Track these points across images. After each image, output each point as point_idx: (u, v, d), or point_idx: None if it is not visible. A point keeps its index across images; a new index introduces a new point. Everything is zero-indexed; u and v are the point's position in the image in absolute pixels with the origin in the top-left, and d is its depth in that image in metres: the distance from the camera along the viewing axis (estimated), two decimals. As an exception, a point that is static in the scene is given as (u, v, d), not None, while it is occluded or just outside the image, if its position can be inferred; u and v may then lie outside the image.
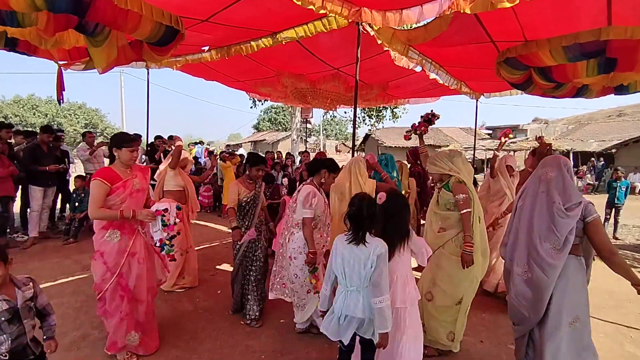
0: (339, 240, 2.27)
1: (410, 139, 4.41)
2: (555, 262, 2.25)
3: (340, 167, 3.43)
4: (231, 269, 4.88)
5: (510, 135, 4.71)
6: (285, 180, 6.79)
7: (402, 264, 2.39)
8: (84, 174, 6.72)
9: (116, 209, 2.70)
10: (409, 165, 5.34)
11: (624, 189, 7.76)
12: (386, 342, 2.14)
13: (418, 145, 4.41)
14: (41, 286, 2.08)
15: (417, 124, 4.21)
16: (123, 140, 2.80)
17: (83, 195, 6.21)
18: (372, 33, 3.83)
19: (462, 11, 2.61)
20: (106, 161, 7.34)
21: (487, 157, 24.14)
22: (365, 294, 2.16)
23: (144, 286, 2.87)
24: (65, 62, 3.91)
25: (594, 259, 2.57)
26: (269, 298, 3.41)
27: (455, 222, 2.97)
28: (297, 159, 11.41)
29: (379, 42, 3.90)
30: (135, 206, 2.81)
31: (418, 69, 4.81)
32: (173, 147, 4.21)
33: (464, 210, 2.86)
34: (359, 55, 3.86)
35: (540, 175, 2.44)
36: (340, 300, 2.22)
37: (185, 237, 4.32)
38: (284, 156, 10.35)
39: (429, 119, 4.16)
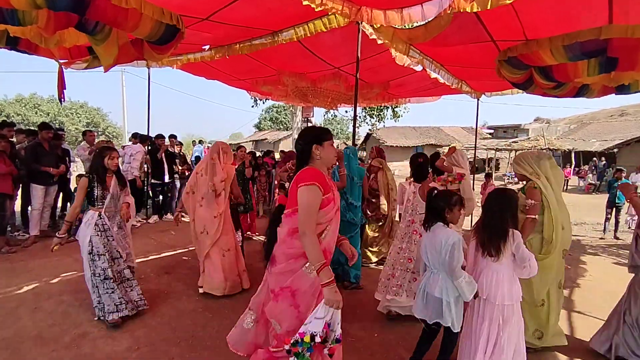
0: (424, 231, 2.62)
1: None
2: None
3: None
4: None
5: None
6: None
7: (507, 263, 2.42)
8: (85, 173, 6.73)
9: (319, 230, 2.00)
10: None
11: None
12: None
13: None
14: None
15: None
16: (323, 132, 2.15)
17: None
18: (372, 34, 3.83)
19: (462, 10, 2.61)
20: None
21: (489, 157, 24.13)
22: (443, 277, 2.42)
23: None
24: (66, 60, 3.93)
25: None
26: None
27: None
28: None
29: (379, 42, 3.90)
30: (334, 234, 2.11)
31: (419, 68, 4.81)
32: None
33: (528, 216, 2.90)
34: (359, 54, 3.86)
35: None
36: (425, 279, 2.55)
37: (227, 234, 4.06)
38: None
39: None
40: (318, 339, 1.79)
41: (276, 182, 7.85)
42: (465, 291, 2.35)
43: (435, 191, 2.59)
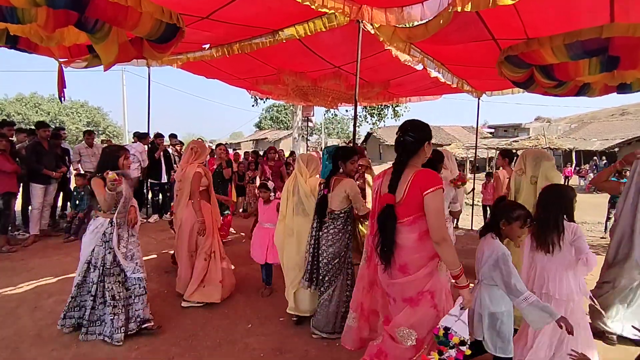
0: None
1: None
2: None
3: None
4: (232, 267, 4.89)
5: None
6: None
7: (561, 258, 2.39)
8: (84, 172, 6.72)
9: None
10: None
11: None
12: (569, 327, 2.08)
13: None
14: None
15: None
16: (431, 132, 2.19)
17: (83, 193, 6.21)
18: (372, 31, 3.82)
19: (462, 9, 2.60)
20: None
21: (490, 156, 24.09)
22: (482, 289, 2.25)
23: None
24: (66, 59, 3.91)
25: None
26: None
27: None
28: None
29: (380, 39, 3.89)
30: None
31: (419, 67, 4.80)
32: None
33: None
34: (359, 53, 3.85)
35: None
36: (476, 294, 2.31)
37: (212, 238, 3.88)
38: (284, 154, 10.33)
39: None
40: (453, 334, 1.89)
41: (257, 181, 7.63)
42: (528, 314, 2.06)
43: (503, 201, 2.42)
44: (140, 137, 7.67)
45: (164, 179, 7.57)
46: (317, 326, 3.19)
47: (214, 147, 7.53)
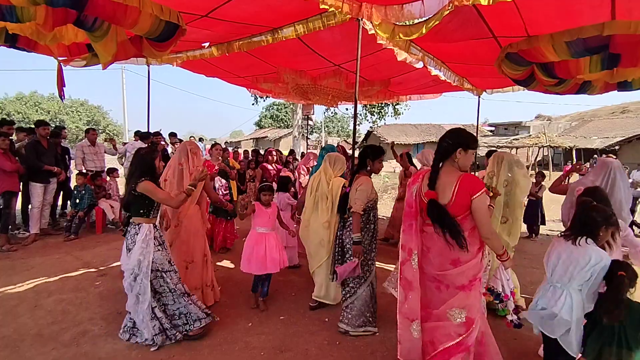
0: (557, 239, 2.36)
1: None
2: None
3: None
4: (232, 265, 4.89)
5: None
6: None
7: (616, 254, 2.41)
8: (85, 171, 6.72)
9: None
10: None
11: None
12: None
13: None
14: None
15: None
16: (472, 141, 2.36)
17: (84, 192, 6.21)
18: (371, 30, 3.80)
19: (462, 4, 2.59)
20: (107, 157, 7.36)
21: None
22: (572, 295, 2.19)
23: None
24: (65, 58, 3.91)
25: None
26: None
27: None
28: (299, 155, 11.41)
29: (381, 41, 3.86)
30: None
31: (420, 65, 4.78)
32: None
33: None
34: (359, 51, 3.84)
35: None
36: (542, 294, 2.36)
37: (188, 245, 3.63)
38: (283, 153, 10.30)
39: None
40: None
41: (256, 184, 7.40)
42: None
43: (592, 203, 2.33)
44: (142, 136, 7.34)
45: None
46: (345, 321, 3.28)
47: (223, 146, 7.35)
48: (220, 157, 6.13)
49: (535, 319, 2.35)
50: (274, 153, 8.10)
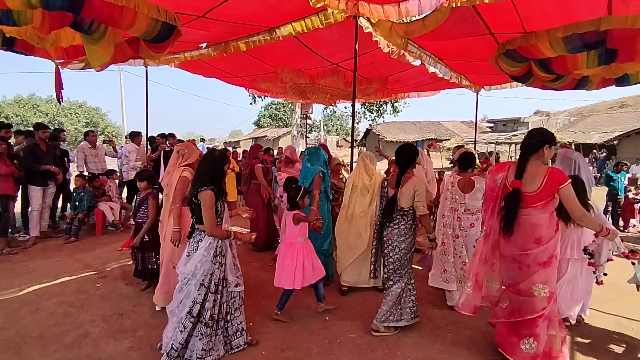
0: None
1: None
2: None
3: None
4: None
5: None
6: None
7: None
8: (85, 174, 6.70)
9: None
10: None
11: (624, 181, 7.86)
12: None
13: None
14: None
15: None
16: (554, 138, 2.68)
17: (83, 194, 6.20)
18: (367, 28, 3.80)
19: (459, 4, 2.59)
20: (108, 160, 7.35)
21: (489, 150, 24.09)
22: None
23: None
24: (62, 60, 3.90)
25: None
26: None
27: None
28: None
29: (375, 38, 3.86)
30: None
31: (417, 62, 4.78)
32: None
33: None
34: (357, 50, 3.84)
35: None
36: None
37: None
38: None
39: None
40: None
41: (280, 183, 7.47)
42: None
43: None
44: (131, 136, 7.27)
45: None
46: (383, 316, 3.23)
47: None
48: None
49: None
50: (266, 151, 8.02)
